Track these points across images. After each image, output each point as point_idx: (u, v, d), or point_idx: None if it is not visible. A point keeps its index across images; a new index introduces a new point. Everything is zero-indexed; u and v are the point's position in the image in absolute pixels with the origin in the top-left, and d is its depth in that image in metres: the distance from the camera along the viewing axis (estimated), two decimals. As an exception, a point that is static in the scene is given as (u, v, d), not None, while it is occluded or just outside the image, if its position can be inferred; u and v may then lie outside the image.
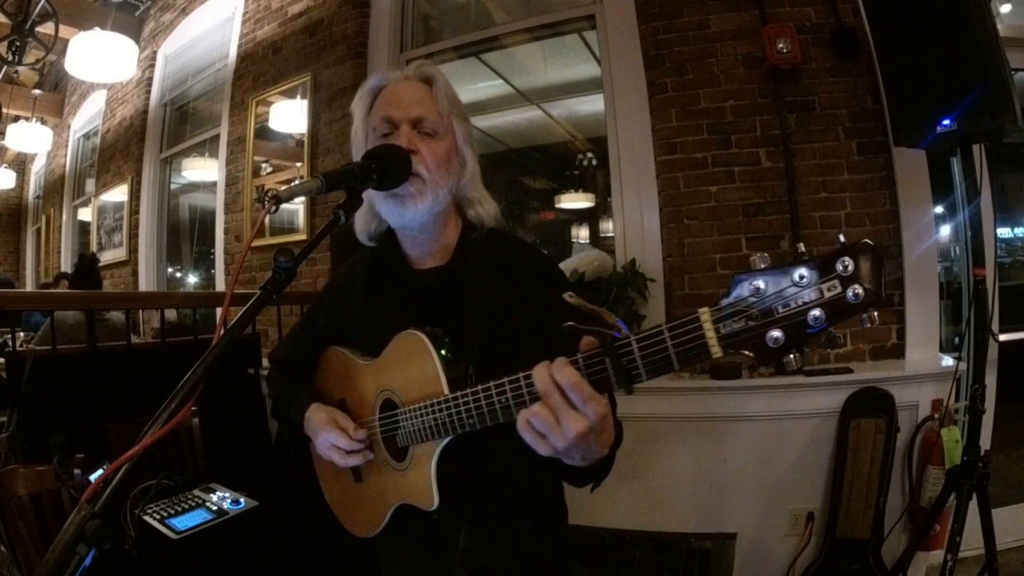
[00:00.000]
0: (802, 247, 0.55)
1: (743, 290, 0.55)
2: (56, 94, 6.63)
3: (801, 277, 0.53)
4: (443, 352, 0.85)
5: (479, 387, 0.76)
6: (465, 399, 0.78)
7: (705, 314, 0.57)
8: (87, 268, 3.48)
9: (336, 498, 1.10)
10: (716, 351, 0.56)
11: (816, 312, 0.52)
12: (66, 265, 5.77)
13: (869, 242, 0.52)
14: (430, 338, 0.86)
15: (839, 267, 0.52)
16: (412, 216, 0.93)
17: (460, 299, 0.94)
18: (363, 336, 1.01)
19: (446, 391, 0.82)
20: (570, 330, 0.65)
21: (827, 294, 0.52)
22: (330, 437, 0.94)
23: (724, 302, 0.56)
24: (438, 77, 0.98)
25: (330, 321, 1.09)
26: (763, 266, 0.55)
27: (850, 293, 0.51)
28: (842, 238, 0.53)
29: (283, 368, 1.15)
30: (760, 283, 0.54)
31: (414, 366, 0.87)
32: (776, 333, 0.53)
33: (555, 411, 0.64)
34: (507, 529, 0.97)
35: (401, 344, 0.90)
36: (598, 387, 0.64)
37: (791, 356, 0.55)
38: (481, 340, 0.89)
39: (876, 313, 0.52)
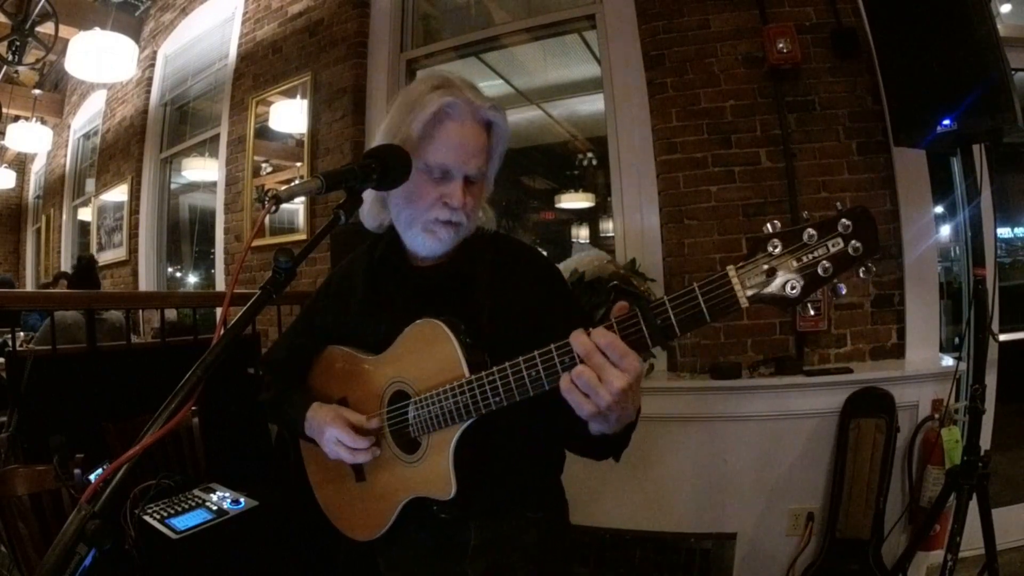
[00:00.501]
0: (806, 214, 0.64)
1: (763, 249, 0.64)
2: (56, 94, 6.63)
3: (810, 236, 0.62)
4: (462, 337, 0.86)
5: (506, 364, 0.78)
6: (491, 377, 0.79)
7: (732, 270, 0.64)
8: (86, 269, 3.49)
9: (333, 501, 1.09)
10: (744, 302, 0.64)
11: (825, 263, 0.61)
12: (66, 265, 5.77)
13: (863, 206, 0.62)
14: (448, 325, 0.87)
15: (840, 227, 0.61)
16: (441, 249, 0.96)
17: (466, 296, 0.95)
18: (364, 333, 1.01)
19: (467, 374, 0.83)
20: (612, 291, 0.73)
21: (832, 249, 0.62)
22: (337, 433, 0.93)
23: (748, 261, 0.64)
24: (501, 126, 0.95)
25: (328, 319, 1.08)
26: (776, 230, 0.64)
27: (851, 247, 0.61)
28: (839, 205, 0.63)
29: (277, 370, 1.14)
30: (777, 243, 0.63)
31: (431, 353, 0.88)
32: (793, 283, 0.63)
33: (597, 370, 0.69)
34: (515, 521, 0.97)
35: (415, 333, 0.90)
36: (635, 347, 0.69)
37: (802, 304, 0.64)
38: (489, 331, 0.90)
39: (872, 265, 0.62)
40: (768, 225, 0.64)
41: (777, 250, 0.63)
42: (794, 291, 0.62)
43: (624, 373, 0.69)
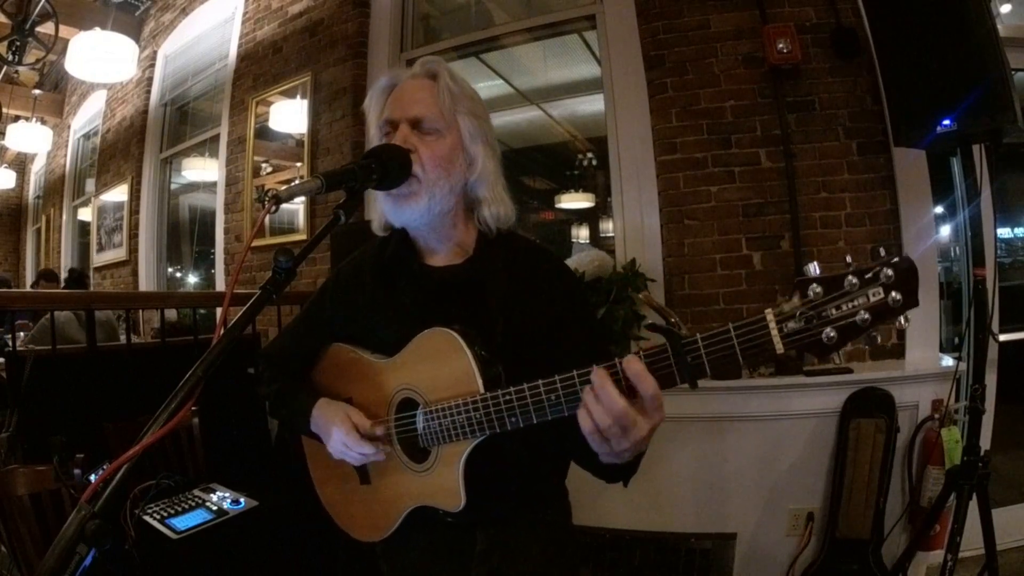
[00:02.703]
0: (849, 259, 0.62)
1: (803, 294, 0.62)
2: (56, 94, 6.63)
3: (851, 284, 0.60)
4: (477, 350, 0.84)
5: (525, 385, 0.76)
6: (507, 397, 0.77)
7: (770, 314, 0.62)
8: (76, 282, 3.51)
9: (336, 501, 1.08)
10: (779, 348, 0.62)
11: (864, 314, 0.60)
12: (66, 267, 5.77)
13: (908, 255, 0.60)
14: (463, 337, 0.84)
15: (882, 276, 0.59)
16: (410, 216, 0.93)
17: (480, 299, 0.92)
18: (372, 333, 0.99)
19: (482, 390, 0.81)
20: (649, 328, 0.69)
21: (872, 299, 0.60)
22: (344, 437, 0.92)
23: (786, 305, 0.62)
24: (442, 73, 0.96)
25: (335, 315, 1.05)
26: (818, 274, 0.62)
27: (891, 299, 0.59)
28: (882, 251, 0.61)
29: (279, 364, 1.11)
30: (817, 288, 0.61)
31: (444, 364, 0.85)
32: (831, 332, 0.60)
33: None
34: (521, 526, 0.97)
35: (428, 341, 0.88)
36: (661, 383, 0.68)
37: (838, 353, 0.62)
38: (504, 341, 0.88)
39: (909, 316, 0.60)
40: (810, 267, 0.62)
41: (818, 295, 0.61)
42: (831, 340, 0.60)
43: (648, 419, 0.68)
